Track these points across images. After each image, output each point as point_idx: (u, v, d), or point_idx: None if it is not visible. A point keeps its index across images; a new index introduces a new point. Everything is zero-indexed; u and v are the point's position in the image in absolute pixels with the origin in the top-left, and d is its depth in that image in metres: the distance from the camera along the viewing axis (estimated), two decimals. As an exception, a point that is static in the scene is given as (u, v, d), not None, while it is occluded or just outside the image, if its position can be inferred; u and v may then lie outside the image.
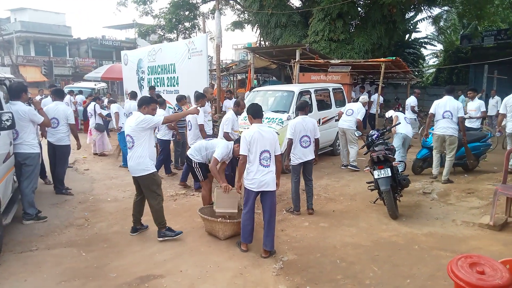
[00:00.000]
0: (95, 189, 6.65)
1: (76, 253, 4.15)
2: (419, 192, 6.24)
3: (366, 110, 9.54)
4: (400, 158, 7.11)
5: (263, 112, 4.37)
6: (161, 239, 4.46)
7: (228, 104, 9.95)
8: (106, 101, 13.87)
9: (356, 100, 9.03)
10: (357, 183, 6.91)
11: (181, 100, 7.62)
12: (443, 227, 4.86)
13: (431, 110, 6.71)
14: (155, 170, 4.43)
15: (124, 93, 14.10)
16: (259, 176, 3.99)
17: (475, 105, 8.39)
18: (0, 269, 3.75)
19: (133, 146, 4.26)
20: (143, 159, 4.26)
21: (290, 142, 5.37)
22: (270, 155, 4.05)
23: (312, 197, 5.50)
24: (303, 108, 5.58)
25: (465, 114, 8.21)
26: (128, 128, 4.30)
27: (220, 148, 4.79)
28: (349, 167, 8.03)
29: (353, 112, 7.91)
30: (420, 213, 5.38)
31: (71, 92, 13.82)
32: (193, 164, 5.06)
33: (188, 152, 5.22)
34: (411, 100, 11.08)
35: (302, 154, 5.37)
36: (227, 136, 5.85)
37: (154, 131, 5.94)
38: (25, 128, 4.88)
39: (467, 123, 8.20)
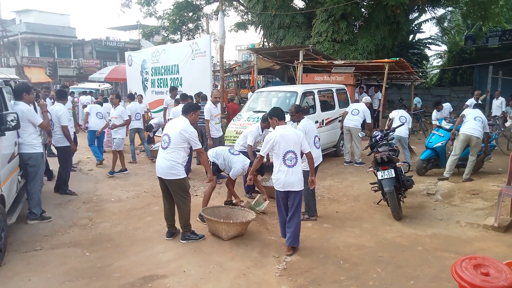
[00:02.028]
0: (99, 189, 6.68)
1: (80, 253, 4.17)
2: (423, 193, 6.22)
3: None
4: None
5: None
6: (184, 241, 4.44)
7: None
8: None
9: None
10: (361, 184, 6.89)
11: (186, 99, 7.64)
12: (447, 228, 4.84)
13: (463, 112, 7.07)
14: (185, 175, 4.39)
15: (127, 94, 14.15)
16: (283, 177, 4.07)
17: (440, 116, 8.54)
18: (5, 269, 3.77)
19: (167, 147, 4.24)
20: (175, 163, 4.23)
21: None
22: (296, 155, 4.09)
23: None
24: (302, 110, 5.28)
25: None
26: (170, 129, 4.28)
27: (235, 170, 5.21)
28: (355, 165, 8.42)
29: (358, 112, 8.32)
30: (424, 214, 5.36)
31: (72, 93, 13.89)
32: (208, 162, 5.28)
33: (208, 153, 5.39)
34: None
35: (318, 156, 5.13)
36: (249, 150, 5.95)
37: None
38: (26, 128, 4.87)
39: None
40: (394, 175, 5.06)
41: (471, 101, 10.27)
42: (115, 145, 7.70)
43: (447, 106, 8.75)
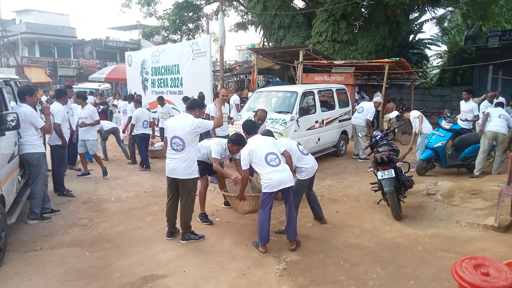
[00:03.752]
0: (99, 189, 6.68)
1: (80, 253, 4.17)
2: (423, 193, 6.22)
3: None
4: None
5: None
6: (184, 241, 4.43)
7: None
8: (113, 101, 14.10)
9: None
10: (361, 184, 6.89)
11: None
12: (447, 228, 4.83)
13: (487, 111, 7.29)
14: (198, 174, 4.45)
15: (127, 94, 14.17)
16: (275, 176, 4.06)
17: (469, 107, 8.36)
18: (5, 269, 3.77)
19: (183, 149, 4.22)
20: (193, 163, 4.29)
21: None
22: (277, 156, 4.20)
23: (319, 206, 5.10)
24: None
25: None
26: (179, 131, 4.21)
27: (214, 148, 4.91)
28: (359, 160, 8.90)
29: (363, 110, 8.96)
30: (424, 214, 5.36)
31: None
32: None
33: None
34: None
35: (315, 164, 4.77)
36: None
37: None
38: (27, 130, 4.89)
39: (461, 124, 8.35)
40: (394, 175, 5.05)
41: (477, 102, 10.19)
42: (90, 149, 7.36)
43: (472, 105, 8.23)
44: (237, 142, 4.75)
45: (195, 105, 4.42)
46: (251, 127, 4.58)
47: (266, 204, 4.15)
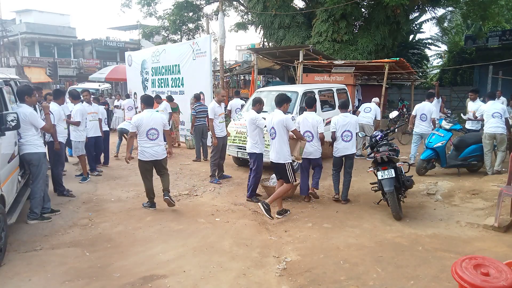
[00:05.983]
0: (99, 189, 6.68)
1: (80, 253, 4.17)
2: (423, 193, 6.22)
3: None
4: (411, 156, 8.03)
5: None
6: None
7: None
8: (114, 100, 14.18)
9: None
10: (361, 184, 6.89)
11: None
12: (447, 228, 4.84)
13: (480, 113, 7.35)
14: None
15: (127, 93, 14.17)
16: (307, 148, 5.80)
17: (475, 107, 8.33)
18: (5, 269, 3.77)
19: (158, 137, 5.41)
20: (163, 146, 5.55)
21: (333, 136, 6.06)
22: (311, 134, 5.83)
23: (347, 189, 5.98)
24: (346, 106, 6.40)
25: (466, 114, 8.47)
26: (155, 124, 5.36)
27: (289, 122, 5.19)
28: (355, 157, 8.87)
29: (370, 110, 9.20)
30: (424, 214, 5.36)
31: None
32: (286, 166, 5.19)
33: (274, 159, 5.24)
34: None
35: (342, 148, 5.96)
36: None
37: None
38: (28, 131, 4.89)
39: (468, 125, 8.42)
40: (394, 175, 5.06)
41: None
42: (74, 151, 7.20)
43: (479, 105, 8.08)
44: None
45: (152, 102, 5.71)
46: (309, 103, 6.02)
47: (302, 169, 6.06)
